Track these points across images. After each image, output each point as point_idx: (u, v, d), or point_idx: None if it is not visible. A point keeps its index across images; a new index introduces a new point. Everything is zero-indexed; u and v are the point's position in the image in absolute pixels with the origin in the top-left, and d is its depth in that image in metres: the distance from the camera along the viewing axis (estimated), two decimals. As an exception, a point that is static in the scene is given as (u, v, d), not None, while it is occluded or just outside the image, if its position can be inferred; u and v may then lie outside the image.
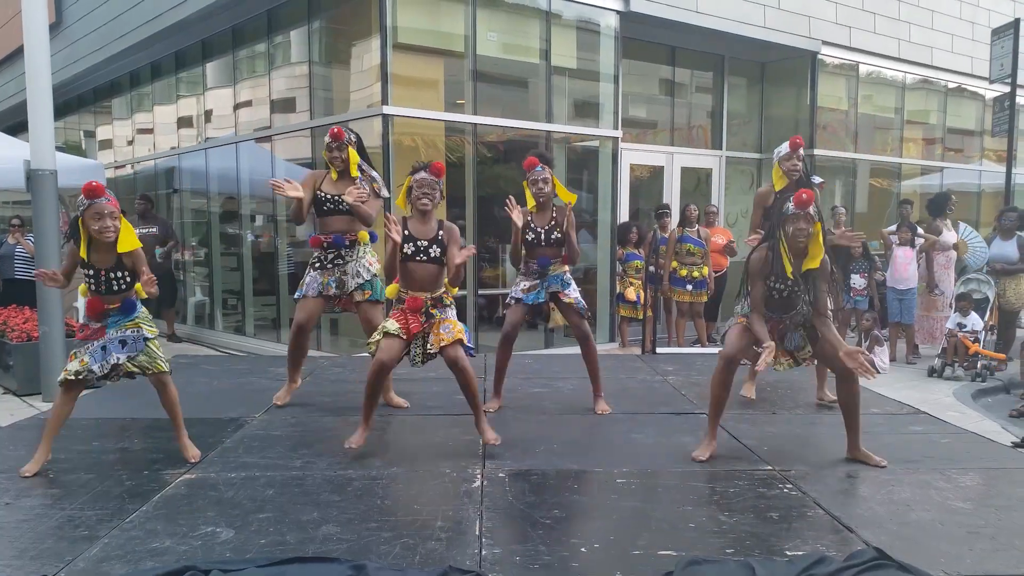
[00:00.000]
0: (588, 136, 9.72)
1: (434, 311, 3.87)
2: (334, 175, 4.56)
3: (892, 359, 8.73)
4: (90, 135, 15.62)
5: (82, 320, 3.80)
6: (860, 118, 12.41)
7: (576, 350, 4.82)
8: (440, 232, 3.91)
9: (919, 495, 3.31)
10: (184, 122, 12.09)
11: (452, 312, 3.95)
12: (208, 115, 11.42)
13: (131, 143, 13.85)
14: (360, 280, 4.57)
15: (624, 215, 10.07)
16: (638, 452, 3.91)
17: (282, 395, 4.83)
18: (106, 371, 3.60)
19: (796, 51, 11.10)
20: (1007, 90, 11.19)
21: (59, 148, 7.78)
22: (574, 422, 4.49)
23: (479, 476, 3.50)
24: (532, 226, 4.60)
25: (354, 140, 4.60)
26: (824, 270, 3.72)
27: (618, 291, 9.05)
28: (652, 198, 10.95)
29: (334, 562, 2.55)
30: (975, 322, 8.30)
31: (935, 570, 2.56)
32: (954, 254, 9.19)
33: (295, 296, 4.75)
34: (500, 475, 3.52)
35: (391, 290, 3.97)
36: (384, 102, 7.85)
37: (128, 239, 3.49)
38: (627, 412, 4.68)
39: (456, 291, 4.02)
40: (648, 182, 11.20)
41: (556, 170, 4.85)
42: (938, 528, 2.98)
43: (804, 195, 3.59)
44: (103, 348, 3.59)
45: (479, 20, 8.53)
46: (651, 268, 8.75)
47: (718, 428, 3.92)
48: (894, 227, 9.22)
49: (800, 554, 2.68)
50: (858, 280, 8.94)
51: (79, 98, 15.22)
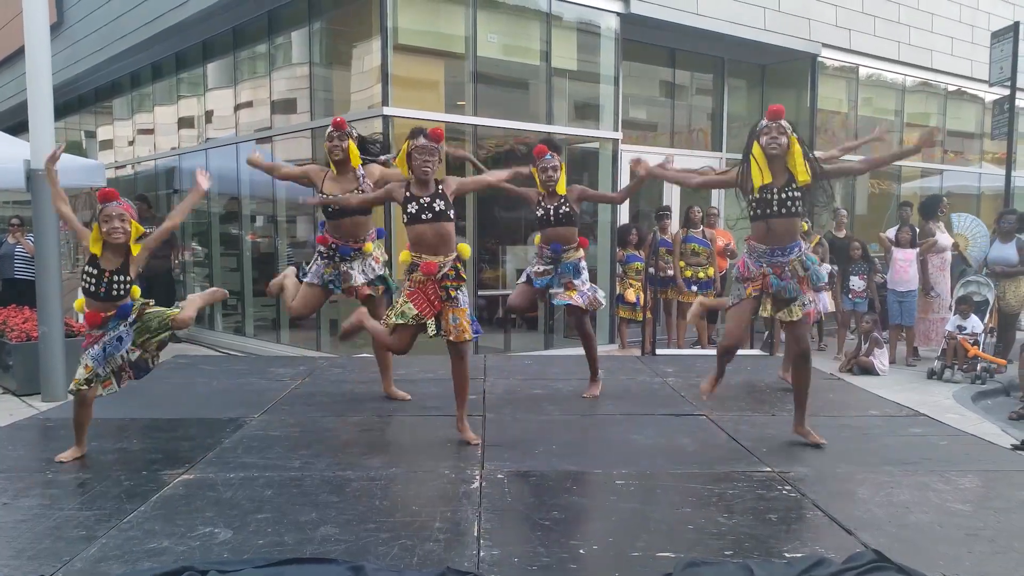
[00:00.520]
0: (588, 138, 9.72)
1: (453, 284, 3.85)
2: (334, 170, 4.54)
3: (891, 361, 8.73)
4: (91, 135, 15.63)
5: (81, 319, 3.86)
6: (860, 120, 12.41)
7: (575, 351, 4.83)
8: (440, 187, 3.88)
9: (918, 497, 3.31)
10: (185, 123, 12.09)
11: (464, 296, 3.91)
12: (209, 116, 11.42)
13: (132, 143, 13.85)
14: (368, 277, 4.57)
15: (624, 217, 10.07)
16: (637, 453, 3.91)
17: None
18: (112, 368, 3.69)
19: (796, 53, 11.11)
20: (1007, 93, 11.20)
21: (59, 148, 7.76)
22: (573, 423, 4.48)
23: (478, 477, 3.49)
24: (542, 203, 4.70)
25: (356, 134, 4.61)
26: (816, 185, 3.77)
27: (618, 292, 9.05)
28: (652, 200, 10.95)
29: (332, 563, 2.55)
30: (975, 324, 8.30)
31: (934, 572, 2.55)
32: (949, 256, 9.19)
33: (302, 277, 4.71)
34: (499, 476, 3.51)
35: (404, 256, 3.92)
36: (384, 103, 7.85)
37: (135, 246, 3.64)
38: (626, 413, 4.68)
39: (468, 254, 4.00)
40: (648, 184, 11.18)
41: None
42: (937, 530, 2.97)
43: (775, 107, 3.73)
44: (103, 349, 3.66)
45: (479, 22, 8.54)
46: (651, 270, 8.75)
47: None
48: (892, 231, 9.23)
49: (799, 556, 2.68)
50: (857, 282, 8.95)
51: (80, 98, 15.22)
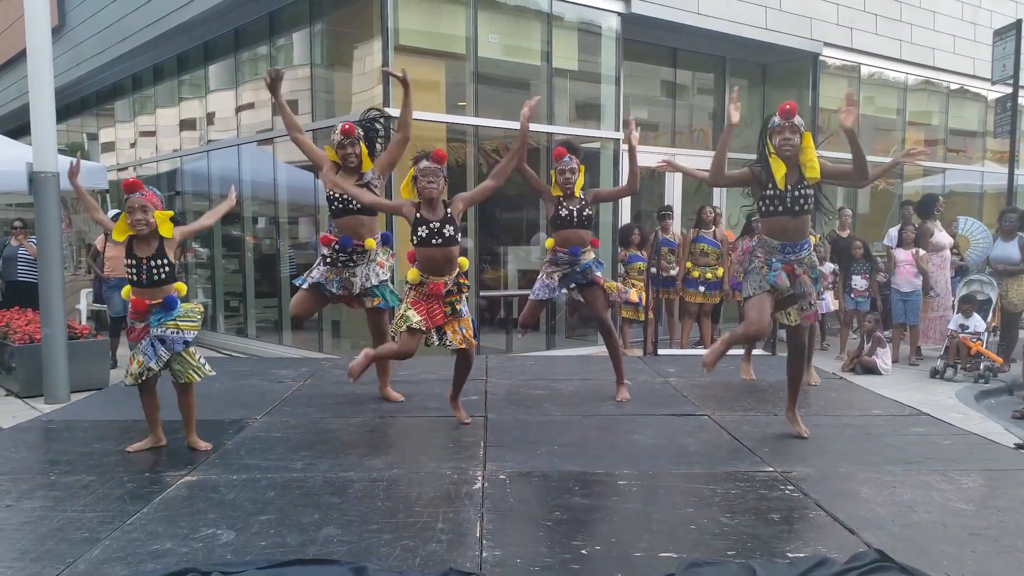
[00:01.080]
0: (590, 138, 9.72)
1: (457, 302, 4.05)
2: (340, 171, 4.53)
3: (894, 361, 8.72)
4: (93, 138, 15.66)
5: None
6: (862, 119, 12.40)
7: (577, 352, 4.84)
8: (447, 211, 4.00)
9: (921, 497, 3.30)
10: (186, 124, 12.11)
11: (466, 307, 4.13)
12: (210, 118, 11.44)
13: (133, 145, 13.87)
14: (368, 284, 4.55)
15: (626, 217, 10.07)
16: (639, 454, 3.91)
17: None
18: (162, 364, 3.74)
19: (797, 53, 11.10)
20: (1009, 91, 11.18)
21: (61, 150, 7.81)
22: (575, 424, 4.48)
23: (480, 478, 3.49)
24: (564, 204, 4.72)
25: (362, 135, 4.58)
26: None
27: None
28: (654, 200, 10.95)
29: (335, 564, 2.55)
30: (977, 324, 8.29)
31: (937, 572, 2.55)
32: (948, 255, 9.17)
33: (297, 282, 4.71)
34: (501, 477, 3.51)
35: (412, 274, 4.02)
36: (386, 104, 7.85)
37: (166, 227, 3.72)
38: (628, 414, 4.68)
39: (467, 266, 4.14)
40: (650, 184, 11.19)
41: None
42: (940, 530, 2.97)
43: (788, 105, 3.69)
44: (152, 345, 3.72)
45: (480, 22, 8.54)
46: (653, 270, 8.75)
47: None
48: (894, 230, 9.24)
49: (801, 556, 2.67)
50: (860, 281, 8.94)
51: (82, 101, 15.25)
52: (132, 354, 3.79)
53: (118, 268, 7.67)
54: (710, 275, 8.95)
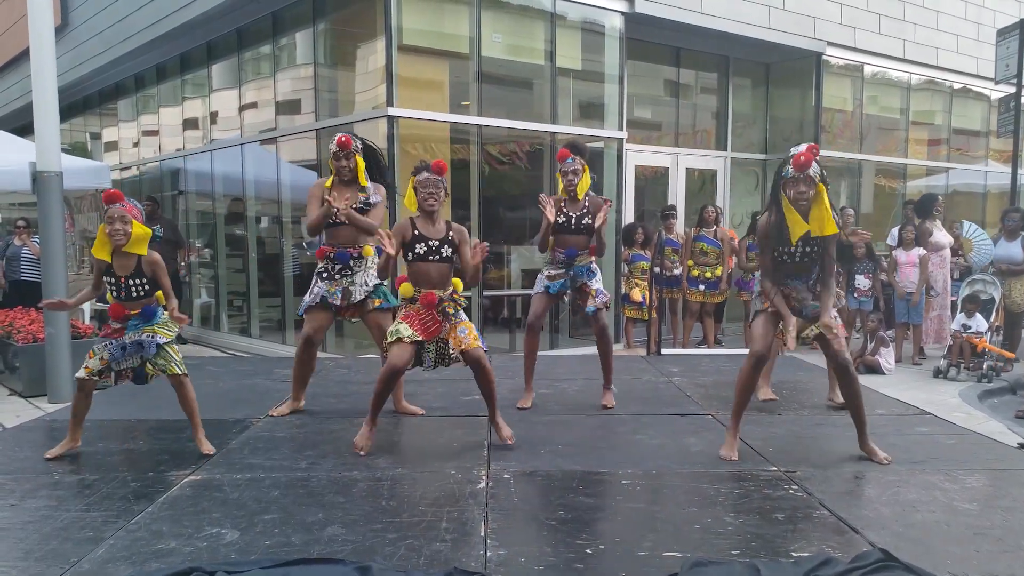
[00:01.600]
0: (593, 137, 9.72)
1: (450, 311, 3.89)
2: (329, 182, 4.48)
3: (897, 360, 8.71)
4: (96, 137, 15.68)
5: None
6: (865, 119, 12.39)
7: (580, 351, 4.83)
8: (450, 233, 3.94)
9: (925, 496, 3.30)
10: (189, 124, 12.12)
11: (463, 314, 3.98)
12: (213, 117, 11.45)
13: (136, 145, 13.88)
14: (368, 289, 4.51)
15: (629, 216, 10.07)
16: (643, 453, 3.91)
17: (283, 410, 4.71)
18: (121, 368, 3.77)
19: (801, 52, 11.09)
20: (1012, 91, 11.16)
21: (65, 150, 7.81)
22: (579, 423, 4.48)
23: (484, 477, 3.50)
24: (564, 210, 4.69)
25: (360, 147, 4.52)
26: (833, 238, 3.70)
27: (623, 292, 9.06)
28: (657, 199, 10.95)
29: (339, 563, 2.55)
30: (980, 323, 8.28)
31: (941, 572, 2.55)
32: (947, 254, 9.15)
33: (300, 311, 4.62)
34: (505, 476, 3.52)
35: (406, 288, 3.94)
36: (389, 103, 7.86)
37: (137, 244, 3.65)
38: (632, 413, 4.68)
39: (461, 287, 4.02)
40: (653, 183, 11.20)
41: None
42: (944, 529, 2.97)
43: (802, 157, 3.56)
44: (122, 348, 3.74)
45: (484, 22, 8.54)
46: (656, 269, 8.75)
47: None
48: (895, 230, 9.23)
49: (806, 555, 2.67)
50: (863, 281, 8.92)
51: (85, 100, 15.26)
52: (93, 349, 3.79)
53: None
54: (710, 274, 8.97)
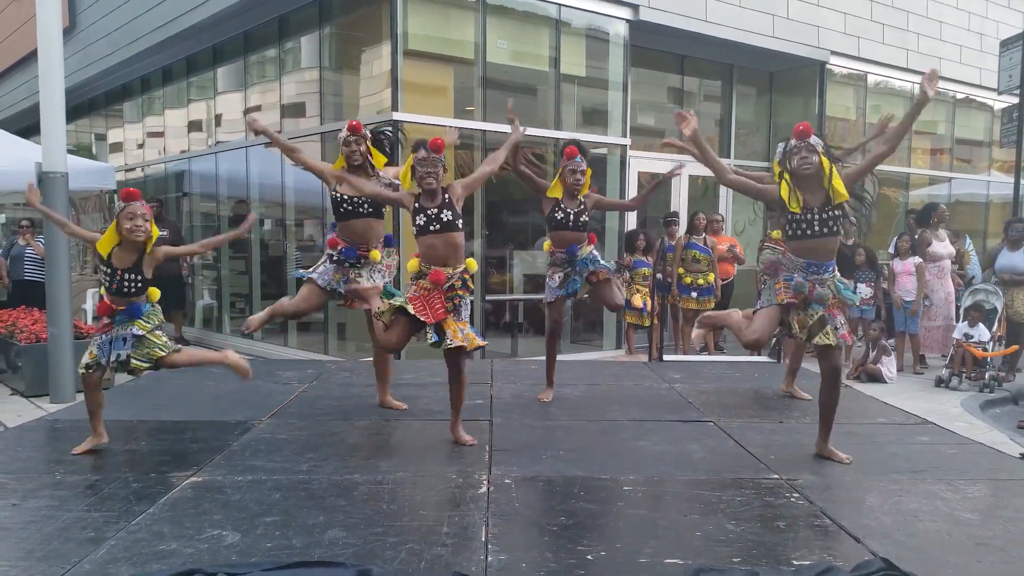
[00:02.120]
0: (597, 144, 9.73)
1: (459, 293, 3.85)
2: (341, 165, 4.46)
3: (899, 369, 8.70)
4: (101, 138, 15.72)
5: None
6: (868, 128, 12.39)
7: (583, 357, 4.84)
8: (446, 195, 3.89)
9: (927, 505, 3.29)
10: (195, 126, 12.15)
11: (466, 310, 3.93)
12: (219, 119, 11.48)
13: (141, 146, 13.92)
14: (372, 282, 4.52)
15: (632, 222, 10.08)
16: (645, 459, 3.90)
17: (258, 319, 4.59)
18: (112, 363, 3.85)
19: (804, 61, 11.11)
20: (1015, 101, 11.17)
21: (70, 151, 7.83)
22: (581, 429, 4.48)
23: (485, 482, 3.50)
24: (562, 206, 4.69)
25: (369, 136, 4.52)
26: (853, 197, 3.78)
27: (625, 298, 9.05)
28: (660, 206, 10.96)
29: (340, 567, 2.55)
30: (982, 333, 8.27)
31: (943, 581, 2.55)
32: (946, 264, 9.15)
33: (299, 274, 4.60)
34: (506, 481, 3.51)
35: (412, 264, 3.90)
36: (394, 108, 7.88)
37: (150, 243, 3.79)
38: (634, 419, 4.67)
39: (475, 267, 3.97)
40: (657, 190, 11.19)
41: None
42: (946, 539, 2.96)
43: (801, 125, 3.64)
44: (110, 343, 3.83)
45: (489, 28, 8.56)
46: (658, 275, 8.75)
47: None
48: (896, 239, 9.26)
49: (807, 564, 2.67)
50: (864, 290, 8.92)
51: (90, 101, 15.31)
52: (89, 347, 3.90)
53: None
54: (702, 281, 8.97)
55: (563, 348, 9.22)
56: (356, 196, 4.40)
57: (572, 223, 4.68)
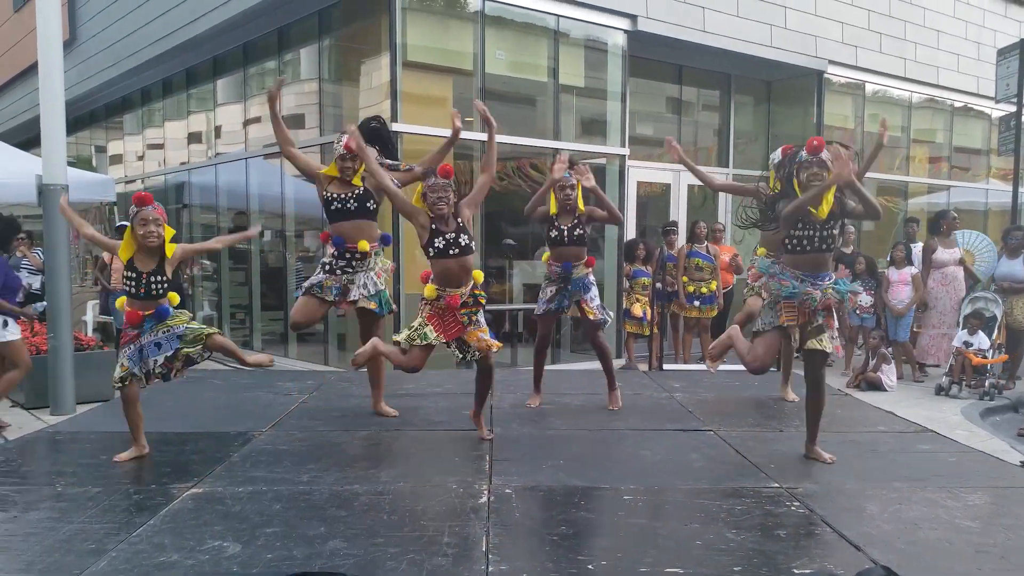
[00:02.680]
0: (596, 154, 9.75)
1: (472, 310, 4.00)
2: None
3: (899, 377, 8.70)
4: (101, 150, 15.76)
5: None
6: (866, 137, 12.43)
7: (582, 366, 4.86)
8: (459, 219, 4.00)
9: (927, 514, 3.30)
10: (194, 138, 12.19)
11: (482, 318, 4.10)
12: (218, 131, 11.51)
13: (141, 158, 13.96)
14: (366, 292, 4.55)
15: (631, 232, 10.09)
16: (645, 469, 3.91)
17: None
18: (145, 371, 3.89)
19: (802, 70, 11.15)
20: (1013, 109, 11.20)
21: (70, 163, 7.84)
22: (581, 438, 4.48)
23: (486, 492, 3.50)
24: (556, 224, 4.74)
25: (376, 126, 4.64)
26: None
27: (624, 307, 9.06)
28: (659, 215, 10.98)
29: (341, 577, 2.56)
30: (982, 341, 8.28)
31: (943, 589, 2.55)
32: (951, 270, 9.15)
33: (296, 293, 4.71)
34: (507, 491, 3.52)
35: (429, 290, 3.99)
36: (393, 119, 7.90)
37: (169, 245, 3.87)
38: (634, 428, 4.67)
39: (482, 279, 4.08)
40: (655, 199, 11.23)
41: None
42: (946, 547, 2.96)
43: (815, 141, 3.65)
44: (140, 351, 3.85)
45: (488, 39, 8.60)
46: (658, 285, 8.76)
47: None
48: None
49: (808, 572, 2.67)
50: (865, 298, 8.92)
51: (91, 113, 15.36)
52: (119, 359, 3.91)
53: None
54: (705, 289, 8.98)
55: (562, 357, 9.25)
56: (345, 195, 4.48)
57: (567, 239, 4.73)
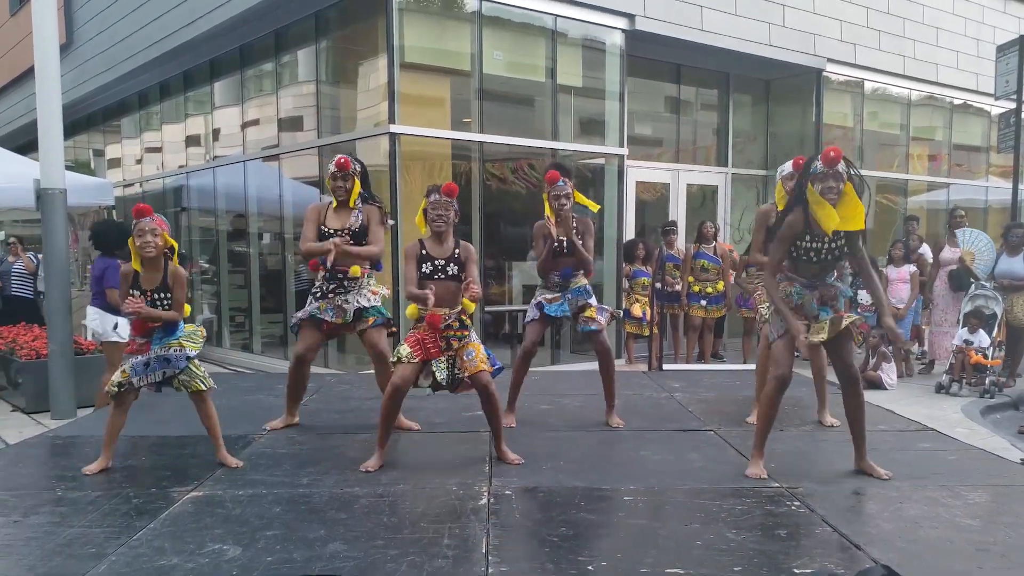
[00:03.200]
0: (594, 154, 9.75)
1: (456, 334, 3.90)
2: (334, 204, 4.55)
3: (899, 376, 8.70)
4: (99, 154, 15.74)
5: (128, 336, 4.02)
6: (866, 135, 12.43)
7: (582, 367, 4.84)
8: (457, 251, 3.99)
9: (927, 512, 3.30)
10: (192, 141, 12.18)
11: (473, 335, 4.01)
12: (216, 134, 11.50)
13: (139, 162, 13.95)
14: (360, 306, 4.51)
15: (630, 232, 10.09)
16: (645, 469, 3.91)
17: (277, 424, 4.71)
18: (143, 384, 3.85)
19: (801, 68, 11.14)
20: (1012, 106, 11.20)
21: (68, 167, 7.85)
22: (581, 439, 4.48)
23: (486, 493, 3.50)
24: (552, 234, 4.68)
25: (359, 170, 4.56)
26: (859, 234, 3.71)
27: (624, 307, 9.07)
28: (658, 215, 10.97)
29: (341, 580, 2.56)
30: (982, 339, 8.27)
31: (944, 588, 2.55)
32: (952, 270, 9.16)
33: (292, 326, 4.66)
34: (507, 492, 3.52)
35: (411, 311, 3.98)
36: (391, 121, 7.90)
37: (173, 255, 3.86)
38: (634, 429, 4.67)
39: (473, 307, 4.03)
40: (654, 199, 11.22)
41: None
42: (947, 545, 2.96)
43: (832, 152, 3.57)
44: (146, 364, 3.82)
45: (485, 39, 8.59)
46: (658, 285, 8.76)
47: (754, 445, 3.88)
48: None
49: (808, 572, 2.67)
50: (865, 296, 8.92)
51: (88, 117, 15.34)
52: (122, 366, 3.87)
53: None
54: (711, 290, 9.02)
55: (562, 358, 9.24)
56: (339, 228, 4.46)
57: (565, 248, 4.67)
